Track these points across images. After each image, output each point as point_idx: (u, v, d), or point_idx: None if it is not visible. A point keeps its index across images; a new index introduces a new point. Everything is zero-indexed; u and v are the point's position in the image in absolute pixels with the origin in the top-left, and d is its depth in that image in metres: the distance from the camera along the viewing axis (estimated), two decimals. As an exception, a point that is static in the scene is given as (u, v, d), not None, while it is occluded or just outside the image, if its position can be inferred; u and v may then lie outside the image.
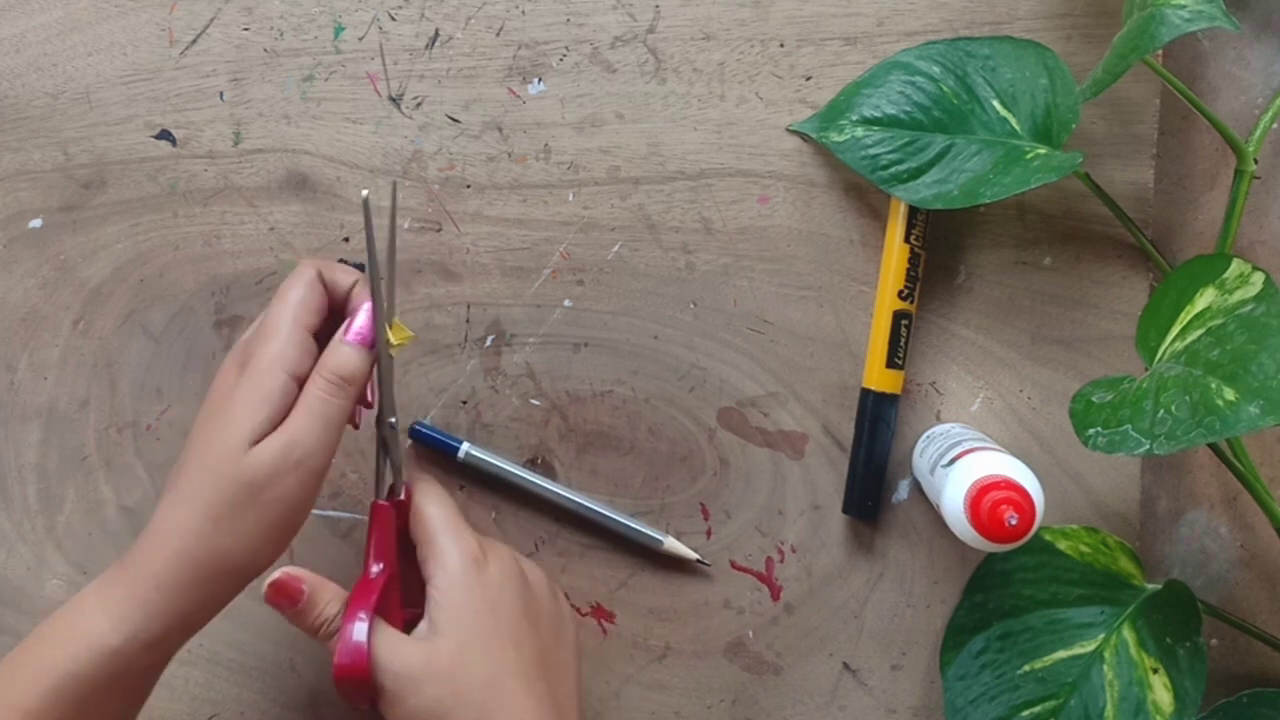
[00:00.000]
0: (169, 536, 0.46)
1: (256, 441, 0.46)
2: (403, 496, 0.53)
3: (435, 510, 0.52)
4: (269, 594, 0.49)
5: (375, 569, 0.51)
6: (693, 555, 0.58)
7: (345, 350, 0.49)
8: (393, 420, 0.52)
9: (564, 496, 0.59)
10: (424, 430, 0.59)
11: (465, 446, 0.58)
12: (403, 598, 0.52)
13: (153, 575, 0.46)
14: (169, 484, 0.48)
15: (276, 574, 0.49)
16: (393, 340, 0.51)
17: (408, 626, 0.50)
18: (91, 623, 0.46)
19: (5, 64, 0.61)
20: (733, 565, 0.59)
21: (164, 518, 0.47)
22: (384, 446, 0.53)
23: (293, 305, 0.49)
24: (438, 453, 0.59)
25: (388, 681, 0.47)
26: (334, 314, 0.52)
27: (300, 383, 0.48)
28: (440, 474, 0.59)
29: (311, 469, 0.47)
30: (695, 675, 0.60)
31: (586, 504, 0.59)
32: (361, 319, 0.50)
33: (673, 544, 0.58)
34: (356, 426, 0.54)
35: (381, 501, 0.52)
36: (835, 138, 0.56)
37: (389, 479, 0.53)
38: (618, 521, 0.58)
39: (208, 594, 0.47)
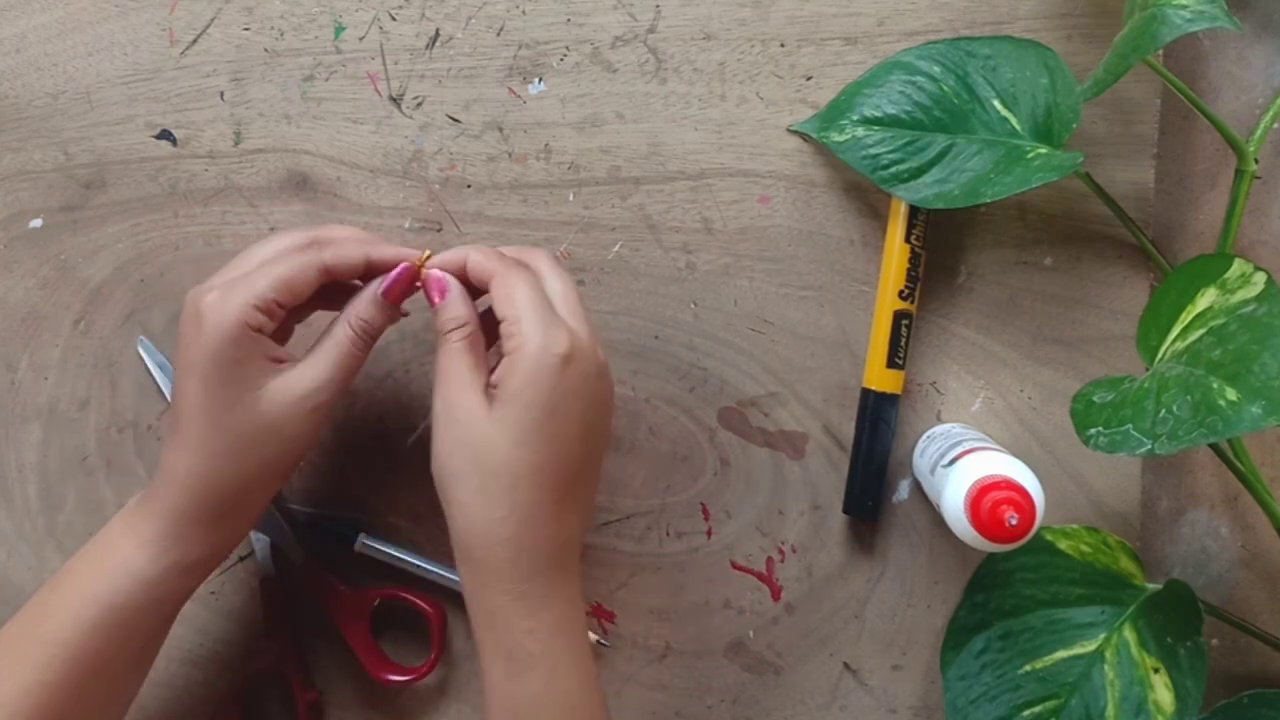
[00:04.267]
0: (189, 477, 0.48)
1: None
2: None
3: (527, 292, 0.49)
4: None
5: None
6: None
7: (368, 303, 0.50)
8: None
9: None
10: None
11: (362, 537, 0.59)
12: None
13: (184, 511, 0.48)
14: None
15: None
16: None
17: None
18: (128, 557, 0.48)
19: (5, 64, 0.61)
20: (733, 565, 0.59)
21: (172, 452, 0.49)
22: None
23: (262, 272, 0.49)
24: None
25: (439, 407, 0.48)
26: (339, 286, 0.51)
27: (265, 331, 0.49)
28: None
29: (326, 410, 0.49)
30: (695, 675, 0.60)
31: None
32: (392, 277, 0.51)
33: None
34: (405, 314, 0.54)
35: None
36: (836, 137, 0.56)
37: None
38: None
39: (232, 527, 0.50)
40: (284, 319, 0.49)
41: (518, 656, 0.47)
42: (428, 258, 0.51)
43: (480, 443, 0.47)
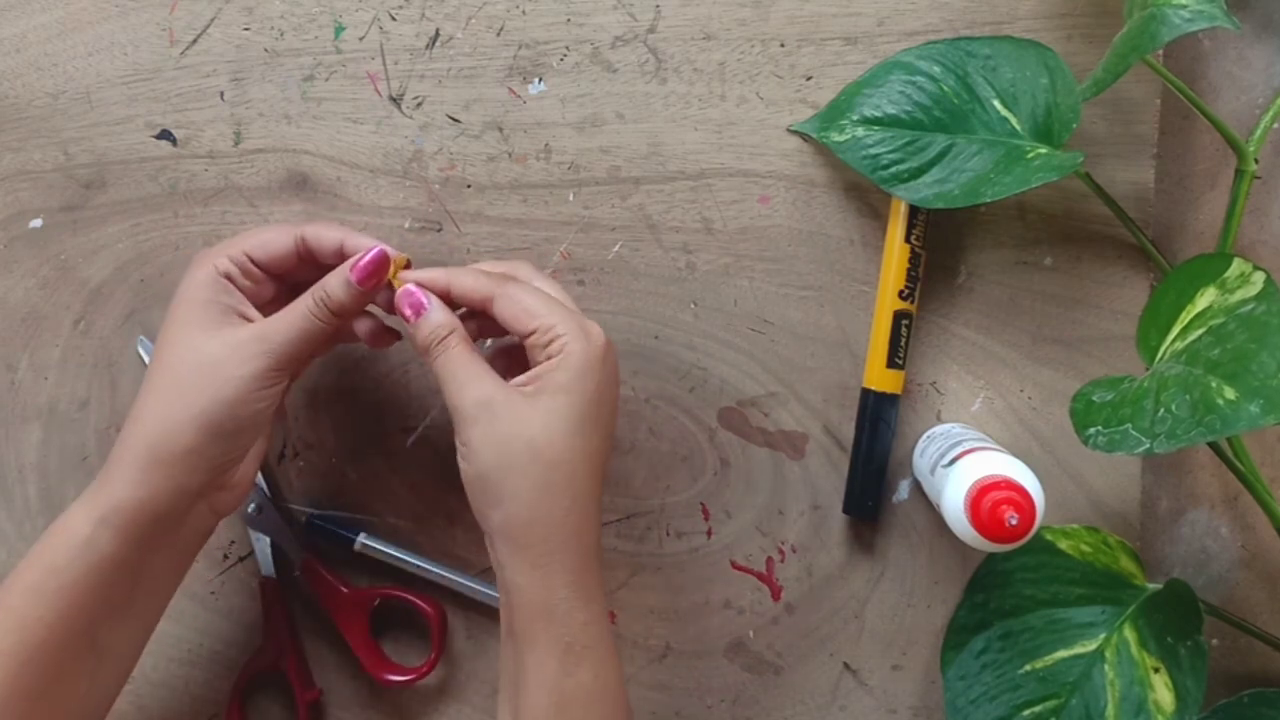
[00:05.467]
0: (130, 421, 0.49)
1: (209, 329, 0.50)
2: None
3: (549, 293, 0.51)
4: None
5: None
6: None
7: (337, 280, 0.50)
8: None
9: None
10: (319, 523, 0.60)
11: (361, 537, 0.60)
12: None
13: (115, 459, 0.49)
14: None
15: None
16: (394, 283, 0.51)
17: None
18: (69, 517, 0.48)
19: (5, 64, 0.61)
20: (733, 565, 0.59)
21: (134, 406, 0.49)
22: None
23: (246, 234, 0.52)
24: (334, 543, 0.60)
25: (465, 402, 0.48)
26: (320, 267, 0.52)
27: (238, 285, 0.51)
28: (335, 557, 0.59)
29: (270, 364, 0.49)
30: (695, 675, 0.60)
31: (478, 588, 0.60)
32: (366, 258, 0.50)
33: None
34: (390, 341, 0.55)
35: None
36: (836, 137, 0.56)
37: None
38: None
39: (164, 476, 0.48)
40: (261, 280, 0.52)
41: (574, 649, 0.47)
42: (406, 263, 0.52)
43: (535, 436, 0.47)
